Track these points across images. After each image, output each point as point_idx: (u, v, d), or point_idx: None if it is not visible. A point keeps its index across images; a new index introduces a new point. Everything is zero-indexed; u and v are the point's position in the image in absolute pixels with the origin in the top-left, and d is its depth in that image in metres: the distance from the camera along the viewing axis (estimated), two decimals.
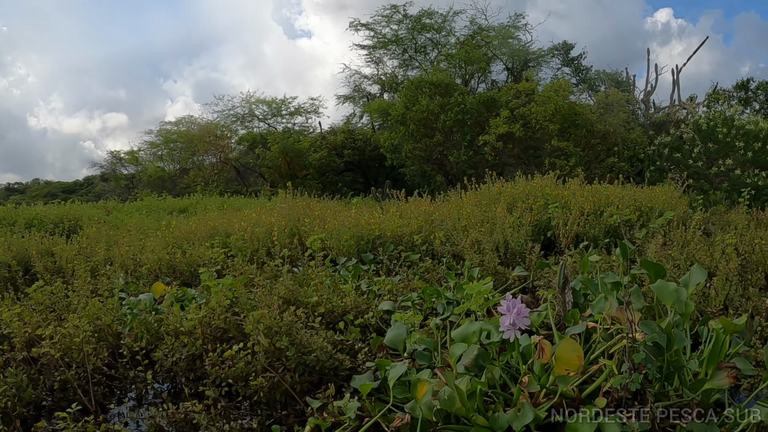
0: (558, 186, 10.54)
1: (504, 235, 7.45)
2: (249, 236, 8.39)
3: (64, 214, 14.01)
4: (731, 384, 2.78)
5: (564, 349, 2.63)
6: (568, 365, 2.63)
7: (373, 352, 3.72)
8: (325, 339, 3.71)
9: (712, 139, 17.52)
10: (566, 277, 3.56)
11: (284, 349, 3.47)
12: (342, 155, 29.30)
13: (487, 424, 2.63)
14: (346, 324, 4.13)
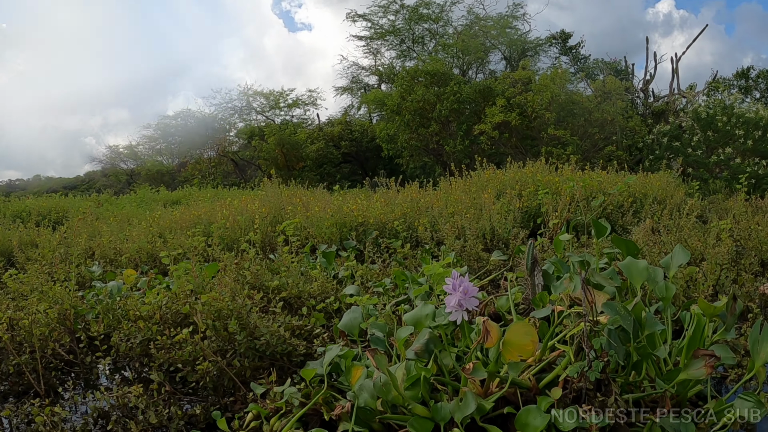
0: (549, 172, 10.31)
1: (491, 222, 7.25)
2: (231, 224, 8.21)
3: (52, 206, 13.89)
4: (709, 374, 2.47)
5: (515, 333, 2.31)
6: (520, 350, 2.34)
7: (335, 338, 3.54)
8: (282, 324, 3.52)
9: (712, 127, 17.33)
10: (535, 258, 3.31)
11: (235, 333, 3.28)
12: (339, 147, 29.20)
13: (427, 414, 2.41)
14: (309, 309, 3.94)
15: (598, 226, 3.44)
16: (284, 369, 3.39)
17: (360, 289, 3.91)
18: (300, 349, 3.33)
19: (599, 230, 3.44)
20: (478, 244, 6.06)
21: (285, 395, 2.73)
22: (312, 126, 32.53)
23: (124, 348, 3.69)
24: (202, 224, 8.78)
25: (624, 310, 2.46)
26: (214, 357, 3.14)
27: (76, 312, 4.42)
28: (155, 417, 2.91)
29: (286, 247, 5.42)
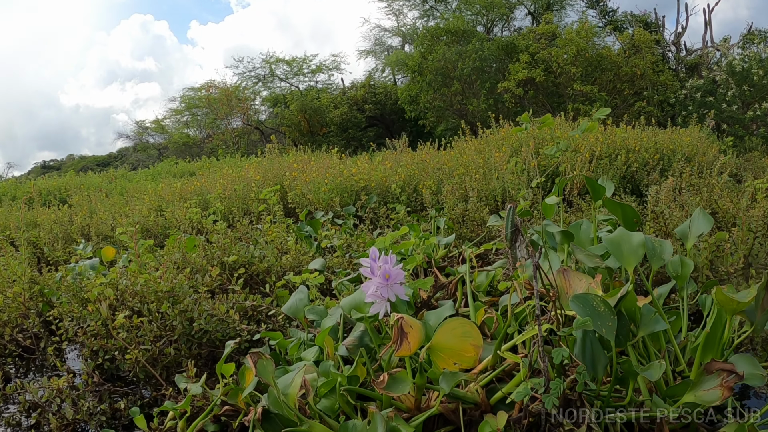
0: (570, 128, 9.69)
1: (503, 182, 6.70)
2: (228, 194, 7.78)
3: (62, 185, 13.65)
4: (725, 397, 1.74)
5: (448, 334, 1.74)
6: (456, 357, 1.77)
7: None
8: (235, 305, 3.07)
9: (748, 81, 16.58)
10: (516, 227, 2.57)
11: (172, 317, 2.84)
12: (363, 110, 28.66)
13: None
14: (271, 287, 3.48)
15: (593, 185, 2.79)
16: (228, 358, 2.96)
17: (325, 262, 3.43)
18: (245, 335, 2.87)
19: (595, 191, 2.77)
20: (481, 208, 5.52)
21: (193, 392, 2.26)
22: (336, 91, 31.96)
23: (71, 333, 3.30)
24: (201, 195, 8.41)
25: (604, 304, 1.80)
26: (148, 344, 2.71)
27: (44, 294, 4.10)
28: (71, 411, 2.50)
29: (269, 217, 4.96)
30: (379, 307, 1.87)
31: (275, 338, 2.56)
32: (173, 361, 2.85)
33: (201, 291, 3.11)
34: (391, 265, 1.83)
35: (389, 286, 1.82)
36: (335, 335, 2.38)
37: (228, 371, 2.27)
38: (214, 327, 2.84)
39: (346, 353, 2.04)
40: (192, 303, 2.88)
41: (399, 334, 1.70)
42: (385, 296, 1.84)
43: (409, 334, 1.71)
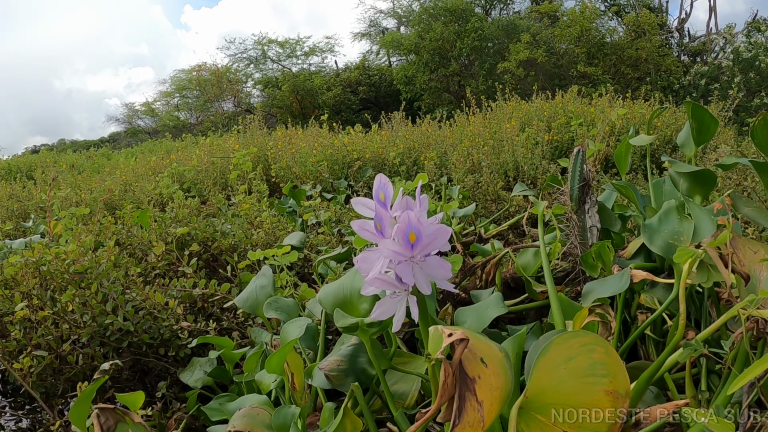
0: (582, 103, 8.93)
1: (514, 156, 5.88)
2: (205, 167, 6.91)
3: (33, 161, 12.86)
4: None
5: (558, 374, 0.85)
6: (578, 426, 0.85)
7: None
8: (178, 293, 2.20)
9: (754, 69, 15.99)
10: (586, 180, 1.76)
11: (81, 310, 1.97)
12: (357, 93, 27.90)
13: None
14: (233, 269, 2.60)
15: (690, 107, 1.84)
16: (156, 372, 2.09)
17: (304, 237, 2.53)
18: (184, 337, 1.98)
19: (699, 117, 1.77)
20: (496, 180, 4.69)
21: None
22: (330, 73, 31.15)
23: None
24: (175, 169, 7.56)
25: None
26: (44, 349, 1.83)
27: None
28: None
29: (242, 186, 4.09)
30: (389, 307, 0.96)
31: (221, 346, 1.68)
32: (81, 372, 1.98)
33: (132, 274, 2.23)
34: (421, 211, 0.92)
35: (418, 259, 0.90)
36: (313, 346, 1.50)
37: (80, 416, 1.36)
38: (141, 325, 1.97)
39: (326, 383, 1.18)
40: (112, 289, 2.00)
41: (458, 384, 0.72)
42: (408, 283, 0.92)
43: (481, 387, 0.74)
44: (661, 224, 1.31)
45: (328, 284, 1.40)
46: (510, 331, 1.69)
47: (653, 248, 1.26)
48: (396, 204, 0.96)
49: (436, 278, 0.94)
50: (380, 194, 0.95)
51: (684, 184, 1.54)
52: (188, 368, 1.86)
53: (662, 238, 1.26)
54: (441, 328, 0.64)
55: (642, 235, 1.29)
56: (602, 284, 1.33)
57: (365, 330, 1.17)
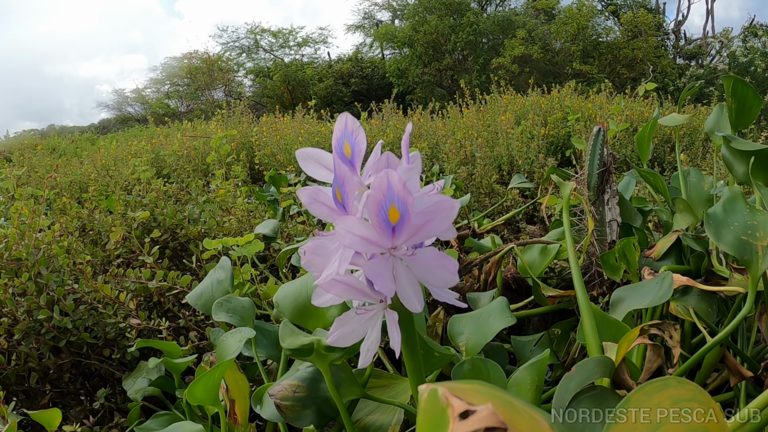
0: (579, 100, 8.72)
1: (509, 149, 5.62)
2: (186, 152, 6.61)
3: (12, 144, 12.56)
4: None
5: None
6: None
7: None
8: (131, 285, 1.92)
9: (749, 73, 15.84)
10: (606, 165, 1.49)
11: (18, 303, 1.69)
12: (349, 84, 27.63)
13: None
14: (198, 260, 2.33)
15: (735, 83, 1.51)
16: (101, 375, 1.81)
17: (278, 225, 2.25)
18: (131, 336, 1.69)
19: (741, 96, 1.55)
20: (491, 172, 4.43)
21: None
22: (322, 64, 30.85)
23: None
24: (155, 153, 7.25)
25: None
26: None
27: None
28: None
29: (220, 171, 3.81)
30: (354, 327, 0.64)
31: (166, 351, 1.40)
32: (14, 373, 1.70)
33: (80, 262, 1.95)
34: (410, 170, 0.63)
35: (403, 252, 0.58)
36: (277, 355, 1.22)
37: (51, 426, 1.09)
38: (82, 322, 1.68)
39: (278, 416, 0.90)
40: (50, 279, 1.72)
41: None
42: (384, 292, 0.58)
43: None
44: (727, 215, 1.03)
45: (288, 282, 1.12)
46: (513, 342, 1.41)
47: (723, 246, 0.98)
48: (370, 163, 0.64)
49: (432, 283, 0.60)
50: (345, 145, 0.60)
51: (741, 167, 1.27)
52: (134, 374, 1.58)
53: (733, 233, 0.99)
54: (445, 394, 0.33)
55: (706, 228, 1.02)
56: (637, 291, 1.06)
57: (323, 356, 0.84)
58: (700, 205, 1.74)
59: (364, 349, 0.63)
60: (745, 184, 1.37)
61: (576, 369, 0.72)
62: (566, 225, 1.34)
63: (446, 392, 0.33)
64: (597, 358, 0.78)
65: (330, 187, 0.59)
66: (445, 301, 0.61)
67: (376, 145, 0.61)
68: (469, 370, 0.84)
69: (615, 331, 0.97)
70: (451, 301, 0.61)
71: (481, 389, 0.35)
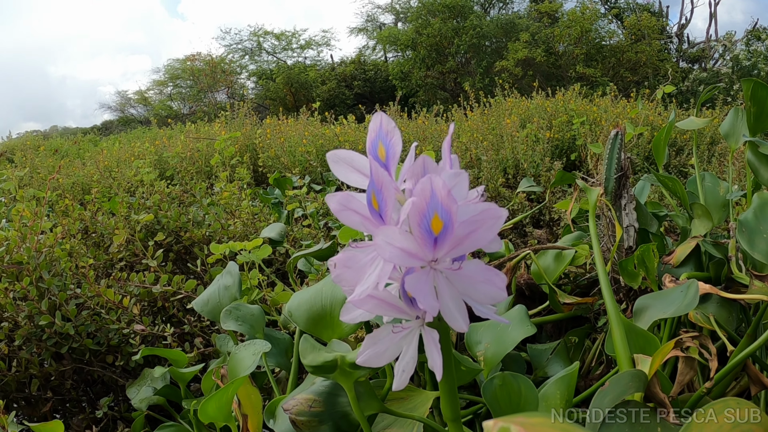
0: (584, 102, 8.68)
1: (514, 153, 5.58)
2: (189, 154, 6.57)
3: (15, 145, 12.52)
4: None
5: None
6: None
7: None
8: (135, 290, 1.88)
9: (753, 75, 15.78)
10: (624, 170, 1.46)
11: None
12: (352, 87, 27.61)
13: None
14: (203, 264, 2.29)
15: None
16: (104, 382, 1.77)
17: (284, 229, 2.20)
18: (135, 342, 1.66)
19: (760, 99, 1.46)
20: (496, 176, 4.40)
21: None
22: (325, 67, 30.85)
23: None
24: (158, 155, 7.23)
25: None
26: None
27: None
28: None
29: (224, 173, 3.78)
30: (388, 346, 0.59)
31: (172, 360, 1.35)
32: (14, 380, 1.66)
33: (82, 266, 1.91)
34: (455, 177, 0.56)
35: (445, 266, 0.54)
36: (287, 364, 1.17)
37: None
38: (84, 328, 1.65)
39: (290, 431, 0.85)
40: (51, 283, 1.68)
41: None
42: (426, 308, 0.53)
43: None
44: (759, 222, 0.99)
45: (302, 290, 1.07)
46: (530, 351, 1.37)
47: (756, 254, 0.95)
48: (405, 169, 0.57)
49: (477, 299, 0.55)
50: (379, 148, 0.56)
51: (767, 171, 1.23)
52: (138, 381, 1.54)
53: (766, 241, 0.95)
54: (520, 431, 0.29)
55: (738, 236, 0.98)
56: (661, 300, 1.03)
57: (347, 373, 0.80)
58: (717, 210, 1.70)
59: (399, 370, 0.57)
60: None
61: (610, 383, 0.68)
62: (592, 231, 1.30)
63: (521, 430, 0.28)
64: (631, 372, 0.74)
65: (362, 194, 0.55)
66: (486, 317, 0.56)
67: (411, 147, 0.56)
68: (500, 386, 0.80)
69: (643, 342, 0.93)
70: (493, 317, 0.56)
71: (552, 424, 0.31)
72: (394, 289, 0.58)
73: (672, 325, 1.33)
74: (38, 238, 1.87)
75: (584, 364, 1.46)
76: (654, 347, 0.90)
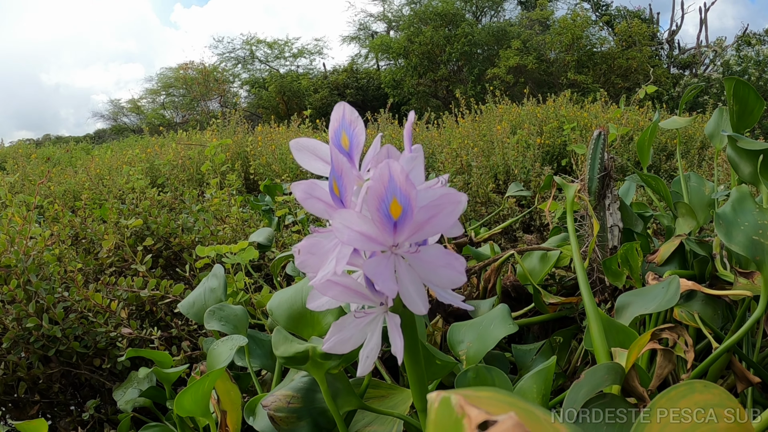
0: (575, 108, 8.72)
1: (505, 159, 5.60)
2: (181, 161, 6.57)
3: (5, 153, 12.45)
4: None
5: None
6: None
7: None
8: (123, 294, 1.88)
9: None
10: (606, 169, 1.47)
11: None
12: (344, 95, 27.66)
13: None
14: (192, 268, 2.29)
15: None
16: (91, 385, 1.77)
17: (272, 234, 2.21)
18: (122, 346, 1.65)
19: (742, 98, 1.45)
20: (487, 181, 4.41)
21: None
22: (317, 75, 30.88)
23: None
24: (150, 163, 7.22)
25: None
26: None
27: None
28: None
29: (214, 180, 3.78)
30: (353, 332, 0.60)
31: (157, 361, 1.35)
32: (2, 383, 1.66)
33: (72, 270, 1.91)
34: (413, 161, 0.58)
35: (405, 249, 0.54)
36: (271, 365, 1.18)
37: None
38: (71, 331, 1.65)
39: (271, 428, 0.85)
40: (39, 286, 1.68)
41: None
42: (386, 293, 0.53)
43: None
44: (737, 215, 1.00)
45: (282, 290, 1.08)
46: (514, 351, 1.38)
47: (734, 247, 0.95)
48: (369, 156, 0.59)
49: (437, 284, 0.55)
50: (342, 136, 0.57)
51: (748, 167, 1.24)
52: (124, 384, 1.54)
53: (744, 233, 0.96)
54: (460, 402, 0.29)
55: (716, 228, 0.99)
56: (642, 296, 1.03)
57: (319, 364, 0.81)
58: (702, 209, 1.71)
59: (364, 356, 0.59)
60: (751, 184, 1.34)
61: (585, 376, 0.69)
62: (570, 228, 1.31)
63: (461, 400, 0.29)
64: (607, 364, 0.75)
65: (326, 182, 0.56)
66: (450, 303, 0.57)
67: (376, 137, 0.57)
68: (474, 378, 0.80)
69: (623, 337, 0.94)
70: (456, 303, 0.57)
71: (498, 397, 0.32)
72: (360, 276, 0.59)
73: (656, 323, 1.34)
74: (27, 242, 1.87)
75: (570, 364, 1.47)
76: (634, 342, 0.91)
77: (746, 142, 1.19)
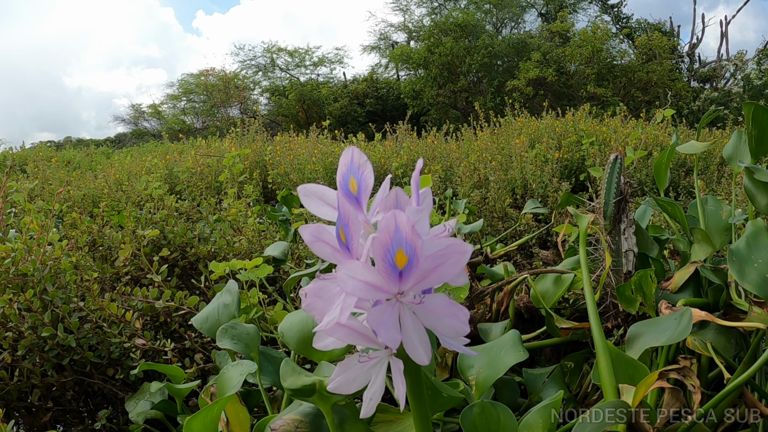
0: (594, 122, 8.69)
1: (523, 173, 5.59)
2: (200, 169, 6.61)
3: (27, 155, 12.55)
4: None
5: None
6: None
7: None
8: (138, 305, 1.90)
9: (764, 96, 15.80)
10: (624, 195, 1.46)
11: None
12: (364, 105, 27.69)
13: None
14: (207, 280, 2.30)
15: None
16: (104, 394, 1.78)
17: (288, 247, 2.22)
18: (136, 356, 1.67)
19: (761, 123, 1.46)
20: (504, 196, 4.40)
21: None
22: (337, 84, 30.97)
23: None
24: (169, 170, 7.27)
25: None
26: None
27: None
28: None
29: (232, 190, 3.81)
30: (356, 375, 0.60)
31: (170, 375, 1.36)
32: (16, 389, 1.67)
33: (88, 279, 1.93)
34: (420, 212, 0.57)
35: (410, 299, 0.54)
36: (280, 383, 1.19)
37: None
38: (86, 341, 1.66)
39: None
40: (55, 296, 1.70)
41: None
42: (389, 341, 0.54)
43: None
44: (751, 251, 1.00)
45: (293, 312, 1.09)
46: (525, 375, 1.38)
47: (746, 284, 0.95)
48: (377, 201, 0.60)
49: (441, 332, 0.57)
50: (350, 181, 0.58)
51: (764, 198, 1.23)
52: (137, 395, 1.55)
53: (757, 271, 0.95)
54: None
55: (729, 266, 0.98)
56: (654, 327, 1.03)
57: (325, 397, 0.82)
58: (718, 234, 1.70)
59: (367, 399, 0.59)
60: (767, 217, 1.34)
61: (590, 415, 0.69)
62: (582, 259, 1.31)
63: None
64: (613, 402, 0.75)
65: (333, 226, 0.56)
66: (453, 349, 0.58)
67: (385, 179, 0.58)
68: (479, 414, 0.81)
69: (632, 371, 0.94)
70: (460, 349, 0.58)
71: None
72: (366, 319, 0.58)
73: (669, 352, 1.33)
74: (44, 250, 1.89)
75: (581, 389, 1.47)
76: (643, 377, 0.91)
77: (763, 174, 1.18)
